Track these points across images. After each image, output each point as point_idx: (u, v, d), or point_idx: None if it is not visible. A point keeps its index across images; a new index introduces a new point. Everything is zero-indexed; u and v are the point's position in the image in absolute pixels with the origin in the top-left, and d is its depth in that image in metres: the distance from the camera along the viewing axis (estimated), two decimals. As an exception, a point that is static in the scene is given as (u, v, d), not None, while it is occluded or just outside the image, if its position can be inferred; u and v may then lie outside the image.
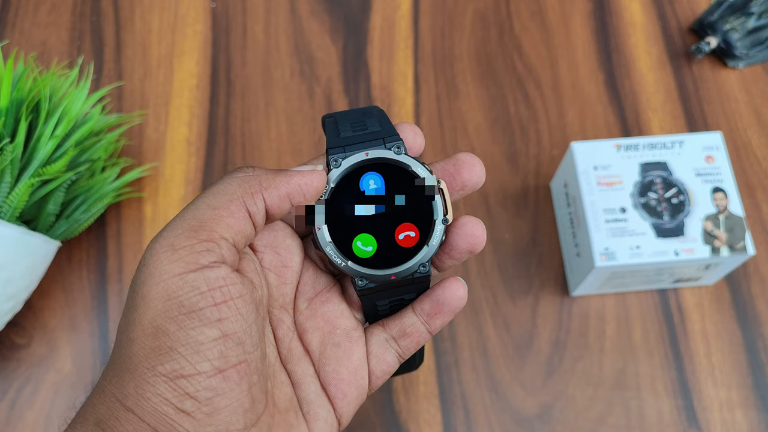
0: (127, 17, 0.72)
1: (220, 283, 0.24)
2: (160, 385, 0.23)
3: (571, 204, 0.58)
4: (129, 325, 0.24)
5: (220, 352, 0.23)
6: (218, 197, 0.25)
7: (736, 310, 0.59)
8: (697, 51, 0.68)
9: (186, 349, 0.23)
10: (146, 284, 0.23)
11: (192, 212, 0.25)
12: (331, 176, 0.30)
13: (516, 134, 0.66)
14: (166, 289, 0.23)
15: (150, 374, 0.23)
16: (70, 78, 0.58)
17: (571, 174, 0.58)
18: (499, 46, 0.71)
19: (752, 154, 0.65)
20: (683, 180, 0.56)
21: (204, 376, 0.23)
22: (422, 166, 0.30)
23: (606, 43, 0.71)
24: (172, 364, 0.23)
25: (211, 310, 0.23)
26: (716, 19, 0.69)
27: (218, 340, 0.23)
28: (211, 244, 0.24)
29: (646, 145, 0.57)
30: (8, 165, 0.50)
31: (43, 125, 0.53)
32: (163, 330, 0.23)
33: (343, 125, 0.31)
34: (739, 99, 0.68)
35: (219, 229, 0.24)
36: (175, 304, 0.23)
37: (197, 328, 0.23)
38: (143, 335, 0.23)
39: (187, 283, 0.23)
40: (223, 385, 0.23)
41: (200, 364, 0.23)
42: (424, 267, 0.30)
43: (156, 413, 0.23)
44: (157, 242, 0.24)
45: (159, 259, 0.23)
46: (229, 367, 0.23)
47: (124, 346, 0.24)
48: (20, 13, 0.72)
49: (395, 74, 0.69)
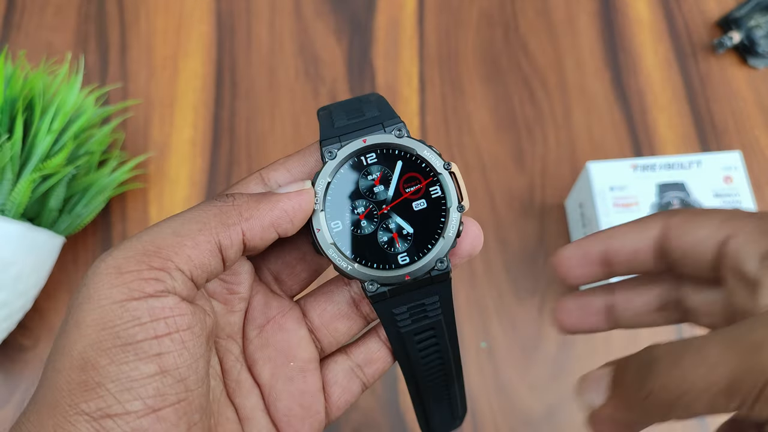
0: (132, 18, 0.72)
1: (166, 313, 0.21)
2: (81, 424, 0.20)
3: (586, 225, 0.58)
4: (56, 353, 0.21)
5: (156, 390, 0.21)
6: (187, 225, 0.23)
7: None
8: (719, 45, 0.67)
9: (115, 386, 0.20)
10: (82, 309, 0.21)
11: (152, 235, 0.22)
12: (327, 169, 0.27)
13: (522, 134, 0.66)
14: (103, 317, 0.21)
15: (72, 412, 0.20)
16: (61, 73, 0.58)
17: (586, 194, 0.57)
18: (505, 46, 0.70)
19: (760, 152, 0.65)
20: (701, 201, 0.54)
21: (134, 416, 0.20)
22: (429, 149, 0.27)
23: (612, 41, 0.71)
24: (98, 402, 0.20)
25: (149, 343, 0.21)
26: (743, 15, 0.68)
27: (154, 377, 0.21)
28: (162, 273, 0.22)
29: (663, 165, 0.56)
30: (9, 162, 0.51)
31: (39, 121, 0.53)
32: (93, 363, 0.20)
33: (338, 115, 0.28)
34: (746, 98, 0.67)
35: (176, 259, 0.22)
36: (110, 335, 0.20)
37: (131, 362, 0.21)
38: (70, 367, 0.21)
39: (128, 311, 0.21)
40: (157, 426, 0.21)
41: (130, 403, 0.20)
42: (441, 263, 0.27)
43: None
44: (104, 262, 0.21)
45: (101, 281, 0.21)
46: (165, 407, 0.21)
47: (48, 378, 0.21)
48: (26, 15, 0.72)
49: (400, 74, 0.69)
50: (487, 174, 0.64)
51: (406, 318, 0.28)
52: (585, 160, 0.63)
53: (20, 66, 0.56)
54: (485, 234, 0.62)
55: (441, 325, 0.28)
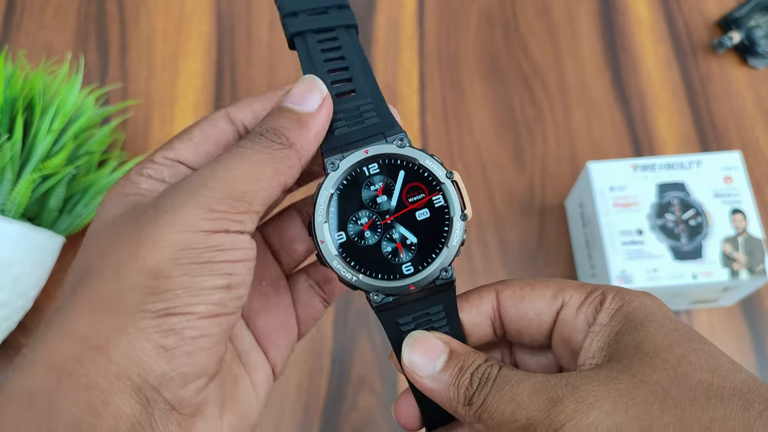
0: (132, 18, 0.72)
1: (243, 245, 0.24)
2: (145, 321, 0.22)
3: (586, 224, 0.58)
4: (120, 264, 0.23)
5: (219, 300, 0.23)
6: (261, 168, 0.25)
7: (751, 333, 0.58)
8: (719, 45, 0.67)
9: (184, 292, 0.23)
10: (163, 228, 0.23)
11: (235, 178, 0.24)
12: (330, 180, 0.27)
13: (522, 134, 0.66)
14: (186, 241, 0.23)
15: (136, 310, 0.22)
16: (61, 73, 0.58)
17: (586, 194, 0.57)
18: (505, 46, 0.70)
19: (759, 152, 0.65)
20: (701, 201, 0.55)
21: (196, 317, 0.23)
22: (431, 158, 0.27)
23: (612, 41, 0.71)
24: (165, 303, 0.23)
25: (225, 265, 0.24)
26: (743, 15, 0.68)
27: (221, 289, 0.23)
28: (245, 216, 0.24)
29: (663, 165, 0.56)
30: (9, 162, 0.51)
31: (39, 121, 0.53)
32: (165, 273, 0.23)
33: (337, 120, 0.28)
34: (746, 98, 0.67)
35: (255, 205, 0.25)
36: (191, 254, 0.23)
37: (205, 276, 0.23)
38: (139, 274, 0.23)
39: (212, 239, 0.23)
40: (213, 329, 0.23)
41: (195, 306, 0.23)
42: (446, 272, 0.27)
43: (131, 350, 0.22)
44: (193, 199, 0.24)
45: (191, 213, 0.23)
46: (224, 314, 0.24)
47: (106, 284, 0.23)
48: (26, 15, 0.72)
49: (400, 74, 0.69)
50: (487, 174, 0.64)
51: (412, 329, 0.28)
52: (585, 160, 0.63)
53: (20, 66, 0.56)
54: (485, 234, 0.62)
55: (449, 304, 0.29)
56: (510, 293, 0.28)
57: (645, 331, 0.24)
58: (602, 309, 0.26)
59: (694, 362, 0.23)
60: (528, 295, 0.28)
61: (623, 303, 0.26)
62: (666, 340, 0.24)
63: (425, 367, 0.26)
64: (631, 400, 0.22)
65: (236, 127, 0.28)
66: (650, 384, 0.22)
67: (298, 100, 0.27)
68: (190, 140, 0.28)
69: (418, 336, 0.27)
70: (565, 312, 0.27)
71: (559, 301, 0.27)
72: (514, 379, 0.24)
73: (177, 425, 0.23)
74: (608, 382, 0.23)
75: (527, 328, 0.28)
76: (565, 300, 0.27)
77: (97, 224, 0.26)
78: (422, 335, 0.27)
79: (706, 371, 0.22)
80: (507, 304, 0.28)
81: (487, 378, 0.25)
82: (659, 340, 0.24)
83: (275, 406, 0.56)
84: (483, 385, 0.25)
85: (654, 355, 0.23)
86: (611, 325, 0.25)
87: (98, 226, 0.26)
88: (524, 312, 0.28)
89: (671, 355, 0.23)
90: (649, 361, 0.23)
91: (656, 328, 0.24)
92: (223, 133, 0.28)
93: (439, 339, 0.27)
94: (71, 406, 0.22)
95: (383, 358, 0.57)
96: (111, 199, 0.26)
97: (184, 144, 0.28)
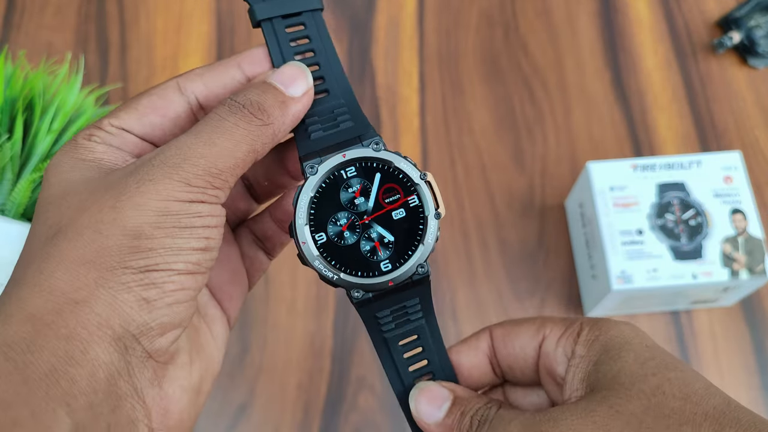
0: (132, 18, 0.72)
1: (217, 212, 0.26)
2: (126, 276, 0.24)
3: (586, 224, 0.58)
4: (100, 224, 0.24)
5: (198, 259, 0.25)
6: (240, 146, 0.26)
7: (751, 333, 0.58)
8: (719, 45, 0.67)
9: (166, 251, 0.24)
10: (145, 195, 0.24)
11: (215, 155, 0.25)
12: (309, 184, 0.28)
13: (522, 134, 0.66)
14: (168, 207, 0.24)
15: (118, 266, 0.24)
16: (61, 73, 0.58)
17: (586, 194, 0.57)
18: (505, 46, 0.70)
19: (759, 152, 0.65)
20: (701, 201, 0.55)
21: (176, 272, 0.24)
22: (405, 160, 0.29)
23: (612, 42, 0.71)
24: (146, 261, 0.24)
25: (203, 229, 0.25)
26: (743, 15, 0.68)
27: (199, 251, 0.25)
28: (221, 191, 0.26)
29: (663, 165, 0.56)
30: (9, 162, 0.51)
31: (39, 121, 0.53)
32: (147, 235, 0.24)
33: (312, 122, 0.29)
34: (746, 98, 0.67)
35: (230, 180, 0.26)
36: (172, 220, 0.24)
37: (185, 237, 0.25)
38: (121, 235, 0.24)
39: (192, 208, 0.25)
40: (191, 283, 0.25)
41: (175, 263, 0.24)
42: (422, 267, 0.29)
43: (114, 302, 0.23)
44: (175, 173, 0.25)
45: (170, 186, 0.25)
46: (200, 273, 0.25)
47: (85, 242, 0.24)
48: (26, 15, 0.72)
49: (400, 74, 0.69)
50: (487, 174, 0.64)
51: (390, 321, 0.30)
52: (585, 160, 0.63)
53: (20, 66, 0.56)
54: (485, 234, 0.62)
55: (425, 330, 0.30)
56: (501, 331, 0.31)
57: (622, 361, 0.26)
58: (579, 341, 0.27)
59: (667, 391, 0.24)
60: (514, 330, 0.30)
61: (600, 332, 0.27)
62: (641, 370, 0.25)
63: (431, 414, 0.29)
64: (608, 431, 0.23)
65: (187, 98, 0.29)
66: (626, 414, 0.24)
67: (287, 81, 0.28)
68: (136, 110, 0.28)
69: (424, 386, 0.29)
70: (546, 345, 0.29)
71: (541, 335, 0.29)
72: (506, 418, 0.26)
73: (152, 372, 0.25)
74: (586, 415, 0.24)
75: (516, 363, 0.30)
76: (546, 333, 0.29)
77: (56, 187, 0.26)
78: (428, 385, 0.30)
79: (680, 399, 0.24)
80: (498, 341, 0.31)
81: (484, 419, 0.27)
82: (635, 371, 0.25)
83: (275, 406, 0.56)
84: (480, 426, 0.27)
85: (629, 386, 0.24)
86: (589, 356, 0.27)
87: (60, 189, 0.26)
88: (511, 347, 0.30)
89: (646, 386, 0.24)
90: (624, 392, 0.24)
91: (633, 357, 0.26)
92: (172, 104, 0.29)
93: (444, 387, 0.29)
94: (49, 356, 0.22)
95: (383, 358, 0.57)
96: (64, 163, 0.27)
97: (129, 114, 0.28)
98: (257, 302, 0.60)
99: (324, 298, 0.59)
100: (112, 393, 0.23)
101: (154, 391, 0.25)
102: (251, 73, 0.30)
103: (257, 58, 0.30)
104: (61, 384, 0.22)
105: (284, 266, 0.60)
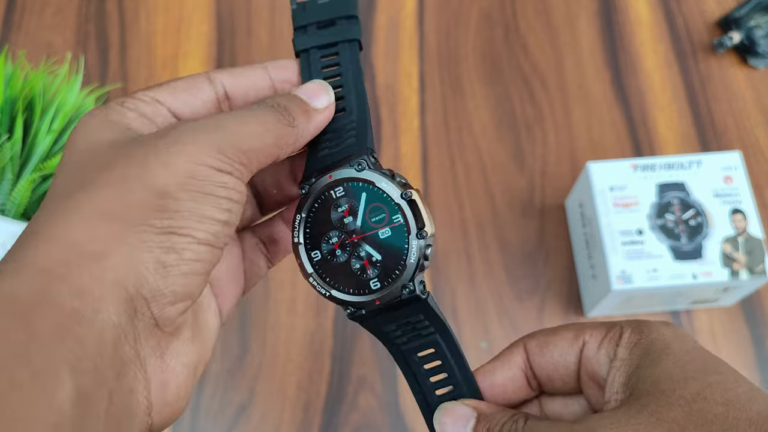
0: (132, 18, 0.72)
1: (242, 189, 0.26)
2: (147, 234, 0.23)
3: (586, 224, 0.58)
4: (126, 179, 0.23)
5: (218, 232, 0.25)
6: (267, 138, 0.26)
7: (751, 333, 0.58)
8: (719, 45, 0.67)
9: (190, 215, 0.24)
10: (174, 155, 0.24)
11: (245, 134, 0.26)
12: (303, 204, 0.29)
13: (522, 134, 0.66)
14: (196, 170, 0.24)
15: (140, 223, 0.23)
16: (61, 73, 0.58)
17: (586, 194, 0.57)
18: (505, 46, 0.70)
19: (759, 153, 0.65)
20: (701, 201, 0.55)
21: (195, 242, 0.24)
22: (386, 179, 0.29)
23: (612, 41, 0.71)
24: (170, 221, 0.23)
25: (226, 201, 0.25)
26: (743, 15, 0.69)
27: (220, 223, 0.25)
28: (247, 171, 0.26)
29: (663, 165, 0.56)
30: (9, 162, 0.51)
31: (39, 121, 0.53)
32: (173, 195, 0.23)
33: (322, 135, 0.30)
34: (746, 97, 0.67)
35: (254, 164, 0.26)
36: (198, 183, 0.24)
37: (209, 206, 0.24)
38: (147, 191, 0.23)
39: (219, 177, 0.25)
40: (208, 256, 0.24)
41: (197, 231, 0.24)
42: (406, 288, 0.28)
43: (131, 260, 0.23)
44: (207, 138, 0.25)
45: (203, 150, 0.24)
46: (219, 246, 0.25)
47: (109, 196, 0.23)
48: (26, 15, 0.72)
49: (400, 74, 0.69)
50: (487, 174, 0.64)
51: (400, 336, 0.30)
52: (585, 160, 0.63)
53: (20, 66, 0.56)
54: (485, 234, 0.62)
55: (440, 345, 0.30)
56: (536, 342, 0.30)
57: (662, 366, 0.25)
58: (621, 343, 0.27)
59: (709, 397, 0.23)
60: (551, 339, 0.29)
61: (641, 336, 0.27)
62: (682, 374, 0.24)
63: None
64: None
65: (215, 87, 0.30)
66: (667, 422, 0.23)
67: (310, 94, 0.29)
68: (169, 86, 0.29)
69: (447, 407, 0.29)
70: (587, 350, 0.28)
71: (581, 340, 0.29)
72: (536, 431, 0.26)
73: (157, 341, 0.24)
74: (626, 422, 0.23)
75: (555, 371, 0.29)
76: (586, 339, 0.28)
77: (83, 146, 0.26)
78: (450, 405, 0.29)
79: (722, 405, 0.23)
80: (534, 352, 0.30)
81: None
82: (675, 376, 0.24)
83: (275, 406, 0.56)
84: None
85: (670, 392, 0.24)
86: (630, 359, 0.26)
87: (88, 149, 0.26)
88: (550, 356, 0.29)
89: (687, 392, 0.24)
90: (665, 399, 0.24)
91: (673, 362, 0.25)
92: (202, 89, 0.29)
93: (466, 405, 0.29)
94: (58, 312, 0.21)
95: (383, 358, 0.57)
96: (93, 124, 0.26)
97: (162, 88, 0.28)
98: (257, 302, 0.59)
99: (324, 299, 0.59)
100: (117, 358, 0.22)
101: (156, 362, 0.24)
102: (277, 78, 0.31)
103: (284, 65, 0.31)
104: (67, 344, 0.20)
105: (284, 266, 0.60)
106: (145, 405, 0.23)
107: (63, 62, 0.67)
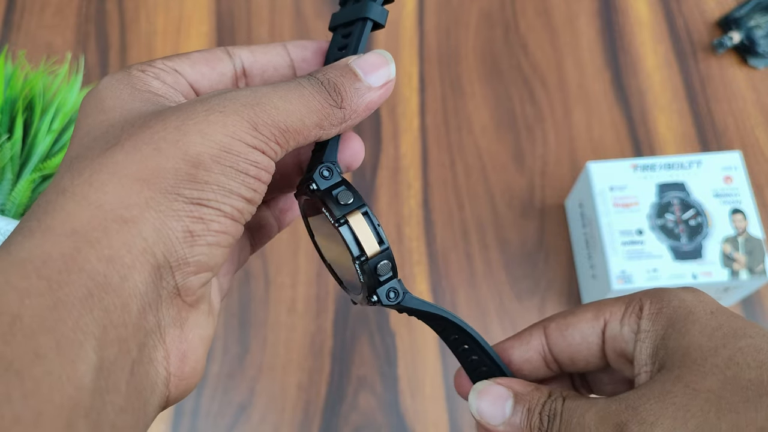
0: (132, 18, 0.72)
1: (271, 169, 0.25)
2: (178, 203, 0.23)
3: (586, 225, 0.58)
4: (162, 143, 0.23)
5: (242, 208, 0.24)
6: (311, 118, 0.25)
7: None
8: (719, 45, 0.67)
9: (219, 188, 0.23)
10: (212, 124, 0.23)
11: (287, 112, 0.25)
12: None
13: (522, 134, 0.66)
14: (231, 144, 0.23)
15: (172, 191, 0.22)
16: (61, 73, 0.58)
17: (586, 194, 0.57)
18: (505, 46, 0.70)
19: (760, 153, 0.65)
20: (701, 201, 0.55)
21: (222, 215, 0.24)
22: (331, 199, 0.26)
23: (612, 41, 0.71)
24: (199, 193, 0.23)
25: (254, 180, 0.24)
26: (743, 15, 0.69)
27: (245, 200, 0.24)
28: (281, 149, 0.25)
29: (663, 165, 0.56)
30: (9, 162, 0.51)
31: (39, 121, 0.53)
32: (206, 166, 0.23)
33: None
34: (746, 98, 0.67)
35: (291, 144, 0.25)
36: (231, 159, 0.23)
37: (238, 183, 0.24)
38: (181, 159, 0.23)
39: (252, 153, 0.24)
40: (233, 229, 0.24)
41: (224, 205, 0.23)
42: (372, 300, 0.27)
43: (162, 228, 0.22)
44: (246, 112, 0.24)
45: (241, 123, 0.24)
46: (240, 222, 0.25)
47: (143, 158, 0.23)
48: (26, 15, 0.72)
49: (400, 74, 0.69)
50: (487, 174, 0.64)
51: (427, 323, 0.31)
52: (585, 160, 0.63)
53: (20, 66, 0.56)
54: (485, 234, 0.62)
55: (457, 330, 0.30)
56: (555, 325, 0.30)
57: (690, 335, 0.25)
58: (642, 316, 0.27)
59: (741, 362, 0.23)
60: (570, 321, 0.29)
61: (662, 305, 0.26)
62: (711, 342, 0.24)
63: (496, 416, 0.28)
64: (688, 412, 0.22)
65: (233, 61, 0.29)
66: (703, 392, 0.23)
67: (368, 69, 0.28)
68: (188, 57, 0.28)
69: (481, 387, 0.29)
70: (609, 329, 0.28)
71: (601, 320, 0.28)
72: (578, 411, 0.25)
73: (177, 311, 0.24)
74: (664, 397, 0.23)
75: (578, 353, 0.29)
76: (607, 318, 0.28)
77: (111, 103, 0.25)
78: (484, 385, 0.29)
79: (755, 368, 0.23)
80: (554, 335, 0.30)
81: (554, 414, 0.26)
82: (704, 344, 0.24)
83: (275, 406, 0.56)
84: (552, 421, 0.26)
85: (701, 361, 0.24)
86: (655, 330, 0.26)
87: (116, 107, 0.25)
88: (571, 338, 0.29)
89: (718, 359, 0.23)
90: (698, 369, 0.23)
91: (700, 330, 0.25)
92: (221, 61, 0.28)
93: (501, 385, 0.29)
94: (87, 279, 0.20)
95: (383, 358, 0.57)
96: (120, 87, 0.26)
97: (180, 58, 0.28)
98: (257, 302, 0.60)
99: (324, 299, 0.59)
100: (140, 328, 0.22)
101: (175, 332, 0.24)
102: (296, 57, 0.30)
103: (304, 45, 0.30)
104: (94, 313, 0.20)
105: (284, 267, 0.60)
106: (164, 376, 0.23)
107: (63, 62, 0.67)
